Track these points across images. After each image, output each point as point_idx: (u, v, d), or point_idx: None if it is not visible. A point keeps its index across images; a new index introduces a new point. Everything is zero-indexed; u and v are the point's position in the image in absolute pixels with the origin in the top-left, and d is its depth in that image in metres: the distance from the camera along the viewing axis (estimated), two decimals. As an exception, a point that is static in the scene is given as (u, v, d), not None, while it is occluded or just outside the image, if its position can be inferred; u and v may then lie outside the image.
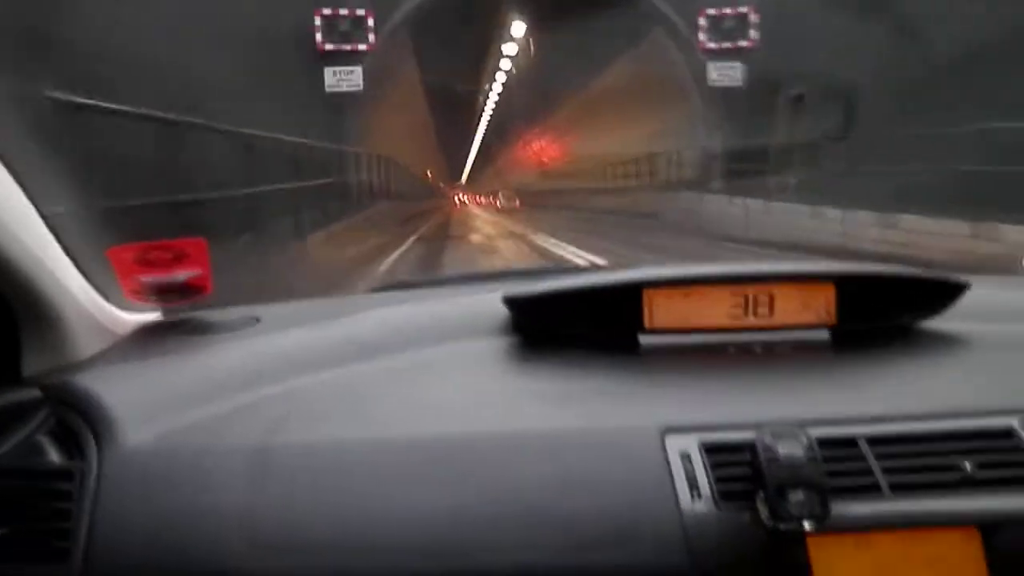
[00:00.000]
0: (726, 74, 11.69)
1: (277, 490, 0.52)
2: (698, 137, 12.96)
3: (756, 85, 10.92)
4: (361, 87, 11.23)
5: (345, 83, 11.00)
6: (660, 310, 0.67)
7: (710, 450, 0.53)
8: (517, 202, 28.04)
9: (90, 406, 0.55)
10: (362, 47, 11.20)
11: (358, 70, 11.13)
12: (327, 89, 10.93)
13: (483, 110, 31.97)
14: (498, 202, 29.30)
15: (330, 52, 10.99)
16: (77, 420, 0.54)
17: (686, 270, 0.73)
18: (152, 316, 0.73)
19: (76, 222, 0.65)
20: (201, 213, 4.23)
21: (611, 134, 19.21)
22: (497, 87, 26.92)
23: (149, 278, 0.65)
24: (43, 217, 0.58)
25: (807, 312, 0.68)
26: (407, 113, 20.25)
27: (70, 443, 0.54)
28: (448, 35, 15.35)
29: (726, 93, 11.68)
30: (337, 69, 11.03)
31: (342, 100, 11.12)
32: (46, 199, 0.60)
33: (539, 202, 23.94)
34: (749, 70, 11.45)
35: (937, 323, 0.71)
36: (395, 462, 0.53)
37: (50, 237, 0.59)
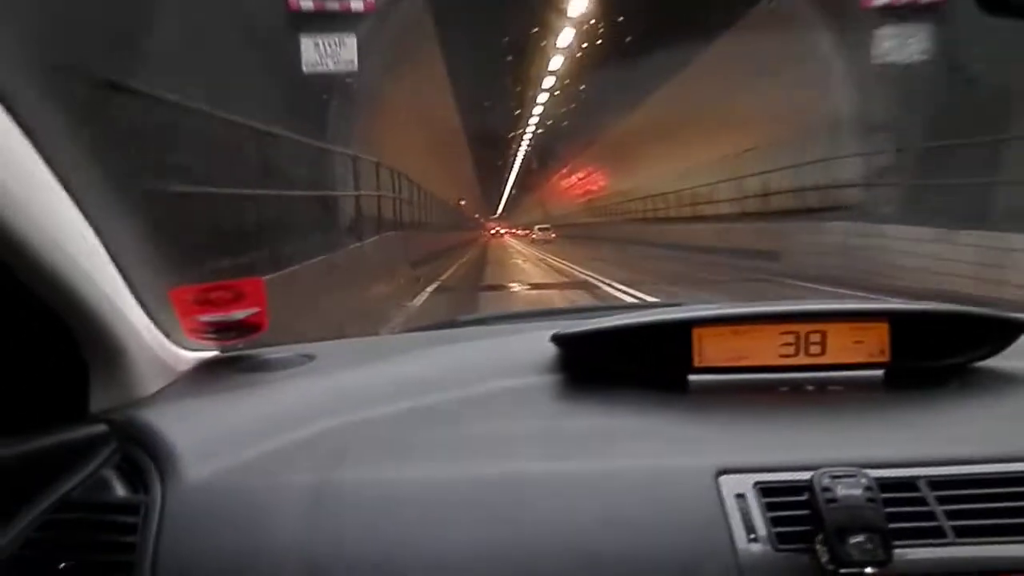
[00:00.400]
0: (904, 46, 10.92)
1: (332, 528, 0.72)
2: (841, 142, 12.37)
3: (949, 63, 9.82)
4: (355, 65, 10.60)
5: (332, 60, 10.56)
6: (709, 348, 0.93)
7: (766, 491, 0.71)
8: (553, 235, 35.16)
9: (154, 442, 0.80)
10: (357, 5, 10.62)
11: (351, 42, 10.65)
12: (305, 69, 10.47)
13: (522, 135, 35.01)
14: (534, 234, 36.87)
15: (309, 14, 10.47)
16: (142, 455, 0.79)
17: (736, 308, 0.99)
18: (210, 353, 1.03)
19: (138, 260, 1.00)
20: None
21: (692, 150, 21.36)
22: (538, 108, 29.68)
23: (208, 317, 0.96)
24: (111, 255, 0.86)
25: (860, 351, 0.92)
26: (431, 124, 21.74)
27: (135, 478, 0.78)
28: (481, 40, 16.26)
29: (900, 76, 10.82)
30: (320, 40, 10.51)
31: (330, 88, 10.41)
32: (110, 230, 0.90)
33: (597, 235, 26.60)
34: (939, 40, 10.42)
35: (995, 362, 0.95)
36: (448, 501, 0.74)
37: (118, 276, 0.87)
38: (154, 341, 0.94)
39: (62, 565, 0.71)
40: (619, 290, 9.88)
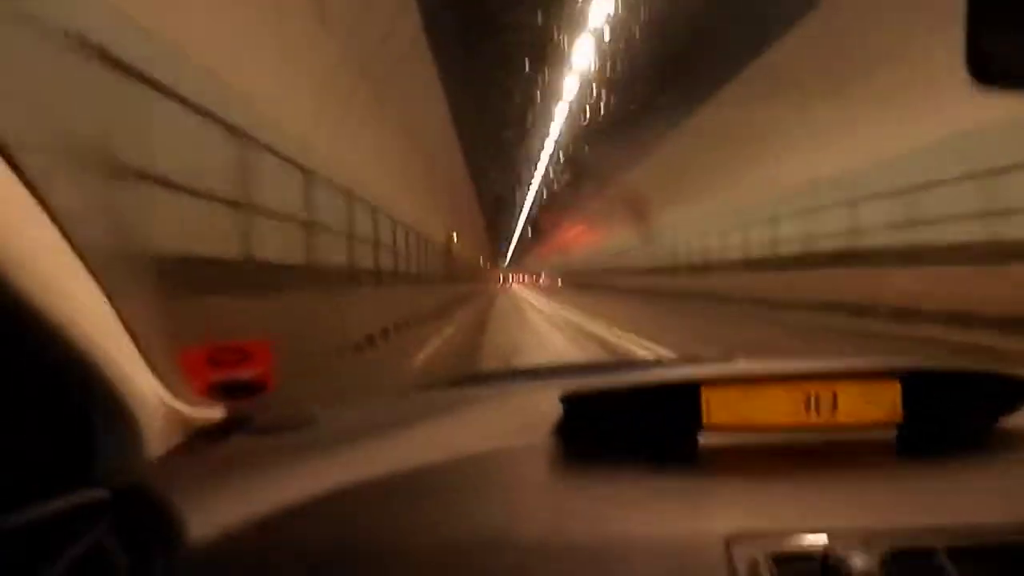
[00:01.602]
0: None
1: None
2: None
3: None
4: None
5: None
6: (718, 408, 0.93)
7: (779, 560, 0.69)
8: (559, 281, 33.36)
9: (156, 508, 0.80)
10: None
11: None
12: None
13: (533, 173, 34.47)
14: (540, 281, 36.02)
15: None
16: (143, 523, 0.79)
17: (745, 367, 0.99)
18: (216, 414, 1.04)
19: (146, 314, 1.02)
20: None
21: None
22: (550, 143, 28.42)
23: (218, 377, 0.99)
24: (115, 309, 0.86)
25: (872, 410, 0.92)
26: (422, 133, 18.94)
27: (137, 545, 0.77)
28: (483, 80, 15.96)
29: None
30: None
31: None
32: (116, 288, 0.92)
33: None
34: None
35: (1013, 422, 0.94)
36: (452, 566, 0.74)
37: (123, 331, 0.87)
38: (161, 402, 0.95)
39: None
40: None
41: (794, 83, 13.44)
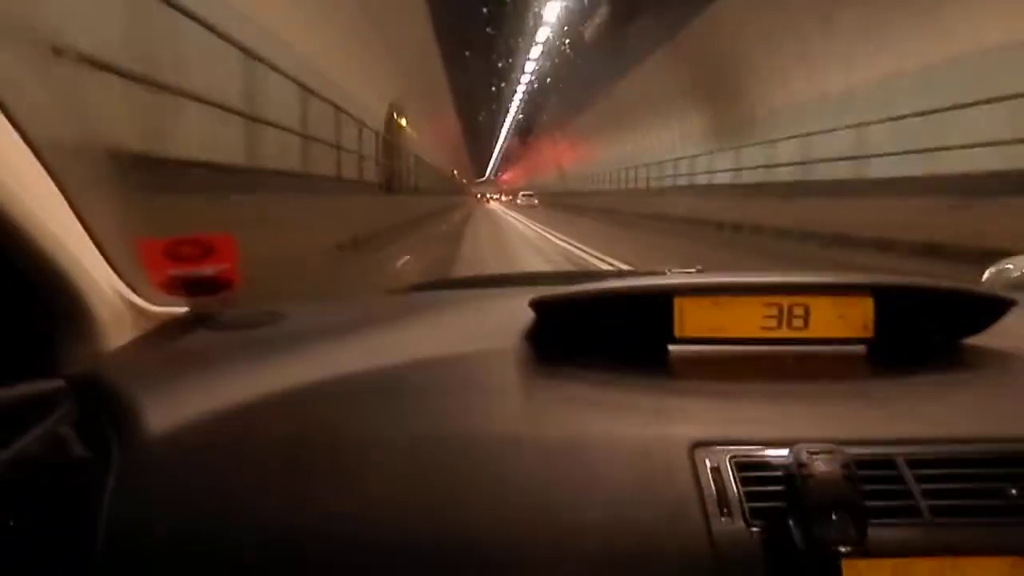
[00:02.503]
0: None
1: (302, 483, 0.72)
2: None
3: None
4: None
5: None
6: (690, 318, 0.92)
7: (742, 467, 0.71)
8: (535, 201, 34.76)
9: (113, 397, 0.79)
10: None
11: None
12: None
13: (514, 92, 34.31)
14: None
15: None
16: (100, 412, 0.78)
17: (718, 278, 0.98)
18: (179, 310, 1.01)
19: (104, 209, 0.98)
20: None
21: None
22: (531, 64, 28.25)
23: (178, 272, 0.94)
24: (72, 205, 0.83)
25: (843, 325, 0.92)
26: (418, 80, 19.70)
27: (93, 435, 0.76)
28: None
29: None
30: None
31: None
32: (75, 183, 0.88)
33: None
34: None
35: (980, 340, 0.95)
36: (422, 461, 0.74)
37: (79, 226, 0.84)
38: (119, 296, 0.93)
39: (11, 523, 0.70)
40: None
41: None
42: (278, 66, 8.84)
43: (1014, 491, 0.70)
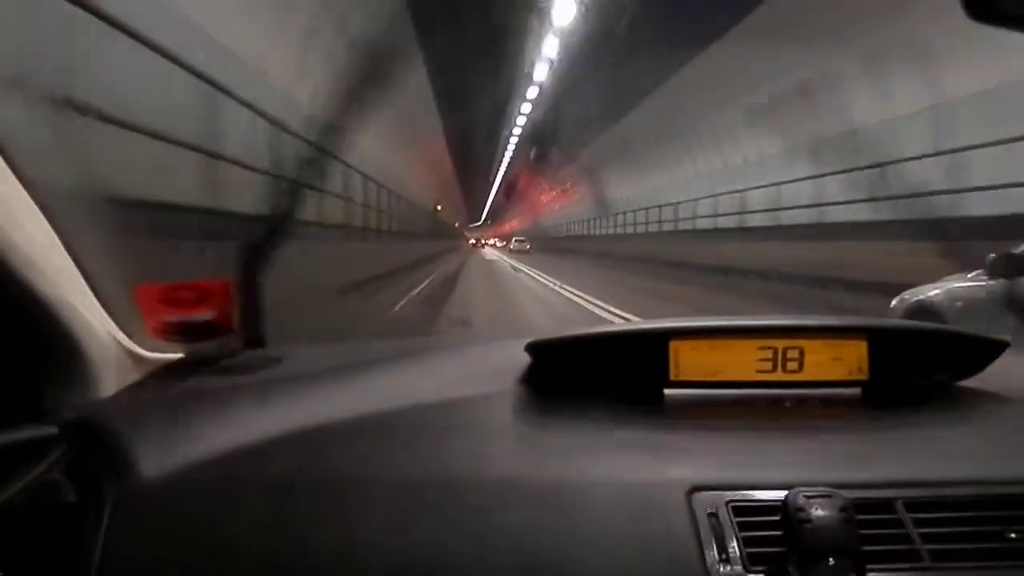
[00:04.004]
0: None
1: (293, 526, 0.72)
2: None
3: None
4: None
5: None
6: (686, 362, 0.93)
7: (739, 511, 0.71)
8: (527, 246, 35.99)
9: (106, 444, 0.78)
10: None
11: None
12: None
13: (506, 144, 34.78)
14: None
15: None
16: (93, 458, 0.77)
17: (714, 321, 0.98)
18: (175, 356, 1.01)
19: (101, 254, 0.99)
20: None
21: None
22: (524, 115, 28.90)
23: (174, 317, 0.94)
24: (69, 250, 0.84)
25: (838, 367, 0.92)
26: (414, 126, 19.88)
27: (85, 482, 0.76)
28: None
29: None
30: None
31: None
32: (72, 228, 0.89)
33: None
34: None
35: (974, 383, 0.96)
36: (414, 503, 0.74)
37: (76, 271, 0.85)
38: (115, 342, 0.92)
39: (2, 571, 0.69)
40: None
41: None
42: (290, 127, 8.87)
43: (1013, 534, 0.70)
